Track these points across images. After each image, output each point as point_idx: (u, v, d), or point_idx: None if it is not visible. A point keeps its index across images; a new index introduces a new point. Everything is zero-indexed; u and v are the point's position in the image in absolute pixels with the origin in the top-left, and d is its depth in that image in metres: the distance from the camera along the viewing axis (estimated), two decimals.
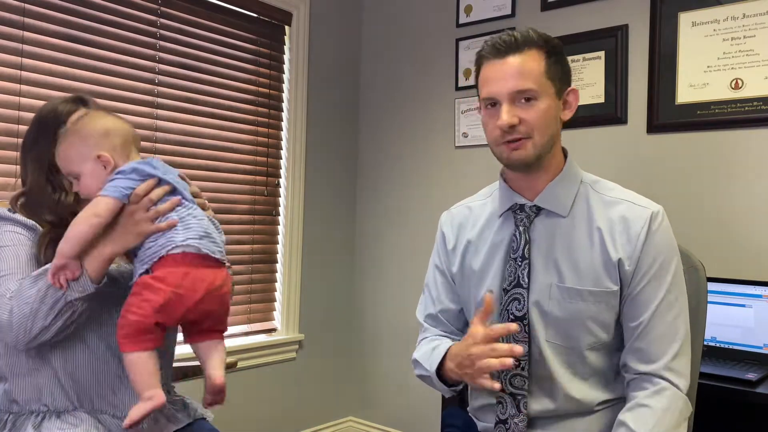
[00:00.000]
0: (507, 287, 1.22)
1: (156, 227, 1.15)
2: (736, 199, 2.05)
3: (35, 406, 1.24)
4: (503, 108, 1.16)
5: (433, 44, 2.87)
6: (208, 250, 1.16)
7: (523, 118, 1.15)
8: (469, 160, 2.73)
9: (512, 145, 1.17)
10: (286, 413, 2.83)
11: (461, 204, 1.40)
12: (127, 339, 1.11)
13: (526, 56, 1.16)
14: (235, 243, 2.64)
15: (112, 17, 2.24)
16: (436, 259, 1.40)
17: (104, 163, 1.18)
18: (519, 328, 1.18)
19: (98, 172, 1.18)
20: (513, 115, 1.15)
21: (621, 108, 2.29)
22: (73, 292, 1.14)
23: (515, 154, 1.18)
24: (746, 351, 1.85)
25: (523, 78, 1.15)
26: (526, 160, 1.18)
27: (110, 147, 1.19)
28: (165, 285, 1.11)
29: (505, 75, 1.16)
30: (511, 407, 1.21)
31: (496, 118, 1.17)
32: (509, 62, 1.16)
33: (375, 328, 3.05)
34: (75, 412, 1.24)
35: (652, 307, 1.15)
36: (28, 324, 1.13)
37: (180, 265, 1.14)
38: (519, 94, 1.15)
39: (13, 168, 1.99)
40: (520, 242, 1.22)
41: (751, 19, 2.02)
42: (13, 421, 1.22)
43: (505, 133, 1.16)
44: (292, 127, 2.84)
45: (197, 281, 1.14)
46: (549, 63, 1.17)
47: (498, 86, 1.16)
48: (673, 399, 1.12)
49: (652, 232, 1.16)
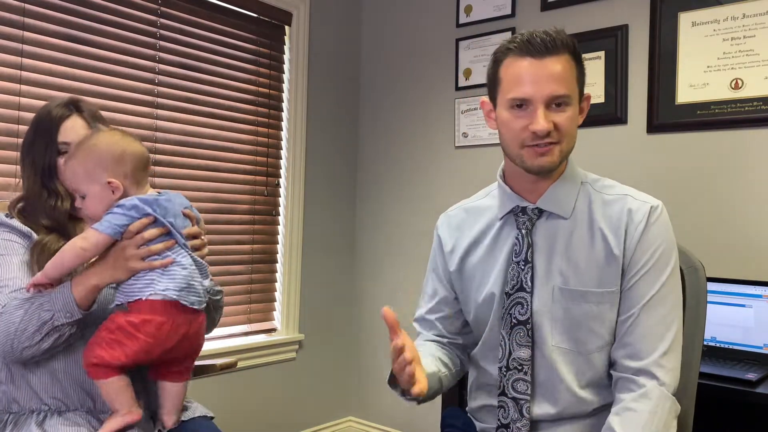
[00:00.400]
0: (509, 291, 1.21)
1: (148, 265, 1.17)
2: (736, 199, 2.05)
3: (36, 405, 1.24)
4: (540, 112, 1.11)
5: (433, 44, 2.87)
6: (187, 301, 1.19)
7: (557, 123, 1.12)
8: (469, 160, 2.73)
9: (540, 150, 1.14)
10: (286, 413, 2.83)
11: (457, 206, 1.38)
12: (97, 370, 1.15)
13: (562, 59, 1.12)
14: (235, 243, 2.64)
15: (112, 17, 2.24)
16: (433, 262, 1.38)
17: (113, 189, 1.19)
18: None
19: (105, 196, 1.19)
20: (549, 120, 1.12)
21: (621, 108, 2.29)
22: (61, 317, 1.15)
23: (542, 160, 1.14)
24: (746, 351, 1.85)
25: (563, 82, 1.11)
26: (551, 167, 1.16)
27: (122, 173, 1.19)
28: (141, 334, 1.15)
29: (543, 77, 1.11)
30: (514, 412, 1.20)
31: (525, 120, 1.13)
32: (548, 65, 1.11)
33: (375, 328, 3.05)
34: (76, 412, 1.24)
35: (644, 301, 1.13)
36: (13, 343, 1.15)
37: (157, 313, 1.16)
38: (554, 99, 1.12)
39: (13, 168, 1.99)
40: (523, 246, 1.20)
41: (751, 19, 2.02)
42: (14, 420, 1.22)
43: (537, 137, 1.13)
44: (292, 127, 2.84)
45: (172, 332, 1.18)
46: (577, 69, 1.15)
47: (535, 89, 1.11)
48: (659, 400, 1.09)
49: (650, 224, 1.15)
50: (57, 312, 1.15)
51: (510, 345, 1.20)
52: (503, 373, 1.21)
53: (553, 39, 1.12)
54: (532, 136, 1.13)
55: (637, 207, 1.16)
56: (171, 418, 1.29)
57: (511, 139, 1.17)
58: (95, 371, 1.16)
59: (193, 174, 2.48)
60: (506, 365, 1.21)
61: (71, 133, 1.29)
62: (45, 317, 1.15)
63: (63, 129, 1.29)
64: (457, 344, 1.36)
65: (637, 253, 1.14)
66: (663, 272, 1.15)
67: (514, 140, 1.16)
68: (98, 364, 1.15)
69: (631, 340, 1.14)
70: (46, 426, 1.20)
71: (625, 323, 1.15)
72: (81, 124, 1.31)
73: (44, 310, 1.15)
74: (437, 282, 1.36)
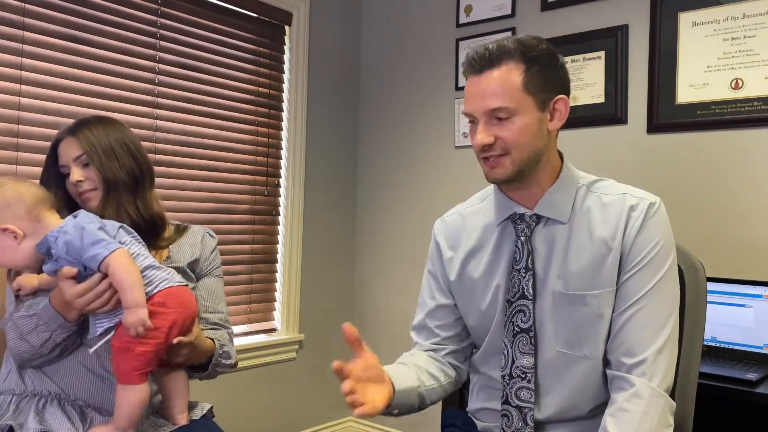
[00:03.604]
0: (511, 299, 1.20)
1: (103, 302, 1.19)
2: (736, 199, 2.05)
3: (39, 388, 1.27)
4: (479, 127, 1.15)
5: (433, 44, 2.87)
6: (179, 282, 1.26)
7: (499, 136, 1.13)
8: (469, 160, 2.72)
9: (489, 163, 1.16)
10: (286, 413, 2.83)
11: (454, 212, 1.36)
12: (136, 371, 1.16)
13: (501, 71, 1.12)
14: (235, 243, 2.64)
15: (112, 17, 2.24)
16: (431, 268, 1.36)
17: (13, 234, 1.19)
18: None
19: (9, 244, 1.20)
20: (488, 134, 1.13)
21: (621, 108, 2.29)
22: (60, 333, 1.21)
23: (493, 173, 1.17)
24: (746, 351, 1.85)
25: (496, 96, 1.11)
26: (504, 178, 1.16)
27: (14, 217, 1.20)
28: (169, 308, 1.20)
29: (479, 93, 1.14)
30: (518, 420, 1.19)
31: (474, 134, 1.16)
32: (484, 79, 1.14)
33: (375, 328, 3.05)
34: (76, 403, 1.27)
35: (638, 296, 1.12)
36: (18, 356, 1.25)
37: (166, 295, 1.22)
38: (493, 112, 1.12)
39: (13, 168, 1.99)
40: (523, 253, 1.19)
41: (751, 19, 2.02)
42: (17, 402, 1.25)
43: (483, 151, 1.15)
44: (292, 127, 2.84)
45: (183, 296, 1.24)
46: (528, 75, 1.12)
47: (473, 104, 1.15)
48: (651, 399, 1.07)
49: (648, 219, 1.14)
50: (54, 331, 1.21)
51: (513, 353, 1.20)
52: (506, 381, 1.21)
53: (490, 53, 1.13)
54: (479, 149, 1.16)
55: (635, 203, 1.16)
56: (184, 416, 1.32)
57: (475, 152, 1.20)
58: (133, 374, 1.16)
59: (193, 174, 2.48)
60: (509, 373, 1.20)
61: (64, 153, 1.33)
62: (44, 337, 1.21)
63: (59, 152, 1.34)
64: (454, 353, 1.33)
65: (634, 248, 1.13)
66: (660, 268, 1.13)
67: (475, 154, 1.19)
68: (138, 365, 1.16)
69: (624, 337, 1.13)
70: (45, 413, 1.23)
71: (619, 319, 1.14)
72: (72, 143, 1.33)
73: (41, 331, 1.21)
74: (436, 289, 1.34)
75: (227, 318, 1.52)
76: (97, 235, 1.15)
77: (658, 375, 1.09)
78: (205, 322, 1.44)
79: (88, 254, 1.13)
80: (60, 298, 1.19)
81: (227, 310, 1.53)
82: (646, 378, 1.09)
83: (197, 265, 1.45)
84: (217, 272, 1.52)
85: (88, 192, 1.32)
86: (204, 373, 1.41)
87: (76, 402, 1.27)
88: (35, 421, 1.20)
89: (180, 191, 2.44)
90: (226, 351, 1.43)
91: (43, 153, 2.04)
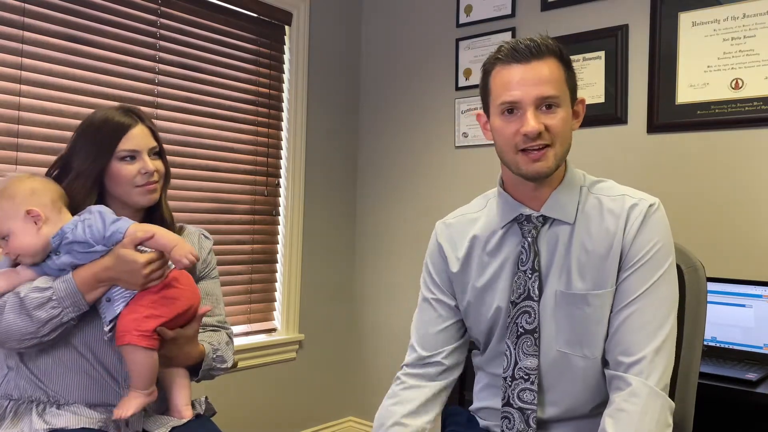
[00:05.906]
0: (516, 300, 1.20)
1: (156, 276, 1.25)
2: (736, 199, 2.05)
3: (35, 394, 1.25)
4: (529, 114, 1.11)
5: (433, 44, 2.87)
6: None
7: (548, 125, 1.12)
8: (469, 160, 2.73)
9: (533, 155, 1.13)
10: (286, 413, 2.83)
11: (456, 215, 1.35)
12: (145, 337, 1.21)
13: (549, 63, 1.14)
14: (235, 243, 2.64)
15: (112, 17, 2.24)
16: (431, 265, 1.34)
17: (35, 219, 1.21)
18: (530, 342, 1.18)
19: (29, 228, 1.21)
20: (540, 121, 1.12)
21: (621, 108, 2.29)
22: (70, 312, 1.20)
23: (537, 166, 1.14)
24: (746, 351, 1.85)
25: (550, 84, 1.12)
26: (547, 172, 1.15)
27: (39, 203, 1.23)
28: (182, 285, 1.28)
29: (530, 80, 1.12)
30: (520, 422, 1.19)
31: (516, 124, 1.13)
32: (534, 68, 1.12)
33: (375, 327, 3.05)
34: (75, 404, 1.26)
35: (636, 295, 1.12)
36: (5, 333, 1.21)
37: (179, 273, 1.30)
38: (543, 101, 1.12)
39: (13, 168, 1.99)
40: (530, 254, 1.19)
41: (751, 19, 2.02)
42: (14, 409, 1.24)
43: (528, 140, 1.12)
44: (292, 127, 2.84)
45: (193, 285, 1.34)
46: (566, 72, 1.16)
47: (523, 91, 1.12)
48: (648, 398, 1.07)
49: (647, 219, 1.14)
50: (65, 308, 1.19)
51: (516, 354, 1.20)
52: (508, 383, 1.20)
53: (538, 45, 1.14)
54: (524, 138, 1.12)
55: (634, 204, 1.16)
56: (188, 408, 1.33)
57: (505, 145, 1.17)
58: (143, 339, 1.20)
59: (193, 174, 2.48)
60: (512, 375, 1.20)
61: (140, 140, 1.31)
62: (53, 313, 1.19)
63: (129, 137, 1.30)
64: (451, 377, 1.30)
65: (632, 248, 1.14)
66: (658, 268, 1.13)
67: (508, 146, 1.16)
68: (148, 331, 1.20)
69: (622, 336, 1.12)
70: (46, 415, 1.22)
71: (616, 318, 1.14)
72: (147, 132, 1.33)
73: (52, 307, 1.18)
74: (432, 284, 1.32)
75: (225, 319, 1.52)
76: (114, 216, 1.24)
77: (655, 374, 1.09)
78: (204, 324, 1.44)
79: (111, 230, 1.22)
80: (86, 275, 1.20)
81: (225, 312, 1.53)
82: (644, 377, 1.08)
83: (194, 267, 1.45)
84: (214, 273, 1.52)
85: (155, 183, 1.32)
86: (195, 378, 1.41)
87: (75, 404, 1.26)
88: (40, 421, 1.20)
89: (180, 191, 2.44)
90: (220, 355, 1.42)
91: (43, 153, 2.05)
